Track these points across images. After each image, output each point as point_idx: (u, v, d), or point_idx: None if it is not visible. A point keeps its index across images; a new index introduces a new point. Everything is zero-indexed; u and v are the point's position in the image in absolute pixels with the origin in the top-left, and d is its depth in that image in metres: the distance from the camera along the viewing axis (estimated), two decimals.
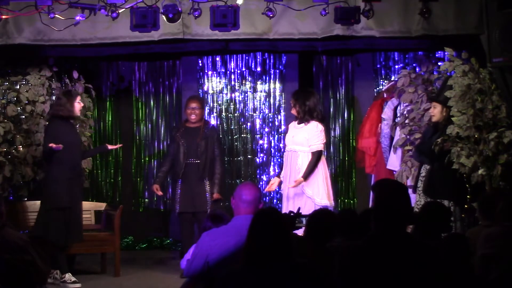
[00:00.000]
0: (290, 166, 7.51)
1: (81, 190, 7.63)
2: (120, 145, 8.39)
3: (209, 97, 9.46)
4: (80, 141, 7.69)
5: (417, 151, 7.36)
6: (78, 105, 7.50)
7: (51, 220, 7.30)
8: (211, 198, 7.86)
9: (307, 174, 7.35)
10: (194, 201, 7.82)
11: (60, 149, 7.12)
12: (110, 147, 8.10)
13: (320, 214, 4.98)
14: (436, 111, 7.27)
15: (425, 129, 7.56)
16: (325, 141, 7.58)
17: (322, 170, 7.51)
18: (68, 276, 7.32)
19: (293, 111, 7.61)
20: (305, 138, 7.46)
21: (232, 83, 9.52)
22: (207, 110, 9.42)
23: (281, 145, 9.41)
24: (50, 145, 7.13)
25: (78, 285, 7.33)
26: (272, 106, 9.50)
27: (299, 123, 7.58)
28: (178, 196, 7.90)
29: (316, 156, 7.43)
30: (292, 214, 4.66)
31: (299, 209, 4.84)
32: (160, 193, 8.15)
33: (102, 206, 8.31)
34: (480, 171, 6.92)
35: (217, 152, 7.97)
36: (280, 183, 7.68)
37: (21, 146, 7.76)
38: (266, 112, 9.51)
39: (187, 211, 7.86)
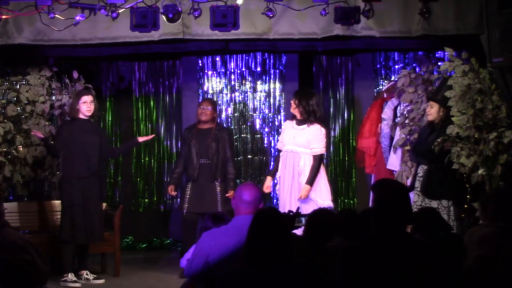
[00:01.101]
0: (292, 167, 7.49)
1: (98, 190, 7.52)
2: (153, 135, 8.18)
3: (209, 97, 9.45)
4: (97, 141, 7.54)
5: (414, 151, 7.37)
6: (84, 105, 7.47)
7: (62, 218, 7.41)
8: (223, 198, 7.82)
9: (312, 179, 7.38)
10: (204, 202, 7.79)
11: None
12: (140, 139, 7.95)
13: (320, 214, 4.98)
14: (433, 111, 7.25)
15: (420, 129, 7.55)
16: (325, 145, 7.62)
17: (323, 172, 7.56)
18: (70, 276, 7.34)
19: (295, 111, 7.57)
20: (307, 140, 7.46)
21: (232, 83, 9.52)
22: None
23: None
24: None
25: (78, 285, 7.34)
26: (272, 106, 9.49)
27: (299, 124, 7.56)
28: (188, 196, 7.89)
29: (318, 160, 7.45)
30: (291, 213, 4.66)
31: (298, 208, 4.85)
32: (173, 193, 8.09)
33: (102, 206, 8.31)
34: (480, 171, 6.92)
35: (228, 154, 7.94)
36: (274, 183, 7.72)
37: (21, 146, 7.77)
38: (266, 112, 9.51)
39: (195, 211, 7.84)
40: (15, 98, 7.86)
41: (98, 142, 7.54)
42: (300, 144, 7.49)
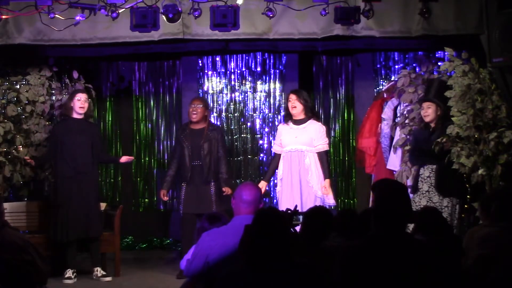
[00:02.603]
0: (298, 166, 7.53)
1: (90, 188, 7.58)
2: (132, 158, 8.21)
3: (209, 97, 9.45)
4: (88, 140, 7.60)
5: (416, 153, 7.34)
6: (78, 102, 7.56)
7: (51, 216, 7.56)
8: (218, 198, 7.81)
9: (329, 174, 7.65)
10: (199, 203, 7.78)
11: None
12: (122, 160, 7.98)
13: (316, 211, 4.97)
14: (430, 111, 7.27)
15: (416, 132, 7.53)
16: (328, 141, 7.76)
17: None
18: (68, 273, 7.48)
19: (295, 109, 7.60)
20: (310, 138, 7.55)
21: (232, 83, 9.52)
22: None
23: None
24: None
25: (71, 281, 7.46)
26: (272, 106, 9.49)
27: (298, 124, 7.60)
28: (183, 197, 7.88)
29: (327, 156, 7.68)
30: (289, 211, 4.66)
31: (296, 206, 4.85)
32: (166, 198, 8.08)
33: (102, 206, 8.30)
34: (480, 171, 6.92)
35: (221, 153, 7.91)
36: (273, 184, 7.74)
37: (21, 146, 7.77)
38: (266, 112, 9.50)
39: (190, 212, 7.83)
40: (15, 98, 7.86)
41: (89, 141, 7.60)
42: (304, 142, 7.54)
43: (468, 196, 7.24)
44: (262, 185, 7.71)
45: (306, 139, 7.55)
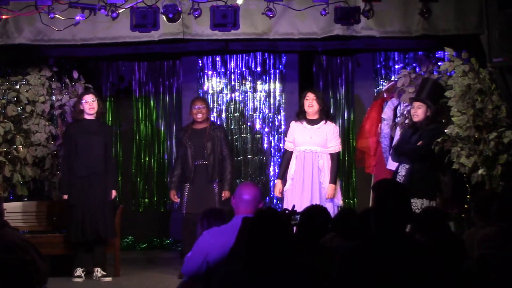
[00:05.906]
0: (312, 166, 7.49)
1: (101, 188, 7.59)
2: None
3: (209, 97, 9.45)
4: (100, 141, 7.64)
5: (396, 151, 7.35)
6: (86, 105, 7.59)
7: (68, 216, 7.62)
8: (221, 198, 7.79)
9: (335, 178, 7.52)
10: (202, 203, 7.73)
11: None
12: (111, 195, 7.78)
13: (313, 211, 4.97)
14: (420, 111, 7.24)
15: (403, 130, 7.53)
16: (340, 142, 7.70)
17: None
18: (78, 272, 7.58)
19: (310, 109, 7.53)
20: (324, 139, 7.52)
21: (232, 83, 9.52)
22: None
23: (281, 145, 9.37)
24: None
25: (80, 279, 7.56)
26: (272, 106, 9.49)
27: (312, 124, 7.57)
28: (186, 197, 7.86)
29: (337, 158, 7.61)
30: (287, 211, 4.67)
31: (293, 206, 4.85)
32: (176, 199, 8.01)
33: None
34: (480, 171, 6.93)
35: (225, 152, 7.91)
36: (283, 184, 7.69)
37: (21, 146, 7.78)
38: (266, 112, 9.51)
39: (193, 212, 7.80)
40: (15, 98, 7.86)
41: (102, 141, 7.65)
42: (318, 143, 7.51)
43: (468, 196, 7.24)
44: (278, 183, 7.71)
45: (320, 140, 7.51)
